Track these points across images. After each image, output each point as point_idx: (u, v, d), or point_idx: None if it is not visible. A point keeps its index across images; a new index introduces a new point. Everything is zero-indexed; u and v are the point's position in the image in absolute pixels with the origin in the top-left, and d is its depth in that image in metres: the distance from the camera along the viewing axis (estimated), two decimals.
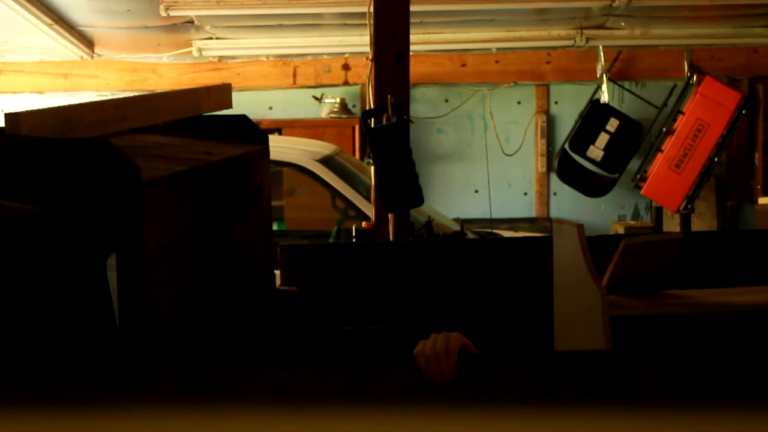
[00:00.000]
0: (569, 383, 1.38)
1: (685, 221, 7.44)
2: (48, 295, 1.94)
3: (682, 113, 7.41)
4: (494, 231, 6.46)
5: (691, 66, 7.84)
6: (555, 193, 8.50)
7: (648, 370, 1.32)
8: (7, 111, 2.03)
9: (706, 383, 1.30)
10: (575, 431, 1.30)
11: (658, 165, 7.42)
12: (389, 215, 4.03)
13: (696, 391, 1.29)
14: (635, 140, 7.71)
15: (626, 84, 8.21)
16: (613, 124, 7.71)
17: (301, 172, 5.76)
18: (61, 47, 7.48)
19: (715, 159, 7.38)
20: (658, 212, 7.72)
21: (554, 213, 8.43)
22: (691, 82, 7.59)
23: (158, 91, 5.13)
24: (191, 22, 6.96)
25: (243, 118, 2.75)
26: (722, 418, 1.27)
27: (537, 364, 1.61)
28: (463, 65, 8.27)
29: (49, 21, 6.74)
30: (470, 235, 5.78)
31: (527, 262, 3.33)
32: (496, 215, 8.13)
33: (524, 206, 8.52)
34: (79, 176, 1.92)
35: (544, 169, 8.46)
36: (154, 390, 1.36)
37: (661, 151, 7.42)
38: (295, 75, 8.30)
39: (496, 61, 8.27)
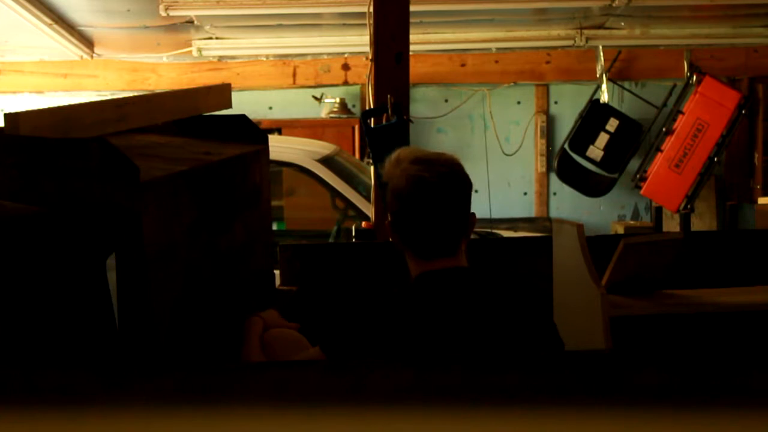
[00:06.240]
0: (569, 383, 1.38)
1: (685, 221, 7.43)
2: (48, 295, 1.93)
3: (682, 113, 7.40)
4: (494, 231, 6.45)
5: (690, 66, 7.83)
6: (555, 193, 8.50)
7: (648, 370, 1.32)
8: (7, 111, 2.02)
9: (705, 383, 1.30)
10: (575, 431, 1.30)
11: (657, 165, 7.42)
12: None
13: (696, 391, 1.29)
14: (635, 140, 7.71)
15: (626, 84, 8.20)
16: (612, 124, 7.70)
17: (301, 172, 5.76)
18: (60, 47, 7.48)
19: (715, 159, 7.37)
20: (658, 212, 7.71)
21: (554, 213, 8.42)
22: (690, 82, 7.58)
23: (158, 91, 5.13)
24: (191, 21, 6.96)
25: (243, 118, 2.74)
26: (722, 418, 1.27)
27: (537, 364, 1.60)
28: (463, 65, 8.27)
29: (49, 21, 6.73)
30: None
31: (527, 262, 3.33)
32: (495, 215, 8.12)
33: (524, 206, 8.52)
34: (78, 176, 1.92)
35: (544, 169, 8.46)
36: (154, 390, 1.36)
37: (661, 151, 7.42)
38: (294, 75, 8.30)
39: (496, 61, 8.27)
